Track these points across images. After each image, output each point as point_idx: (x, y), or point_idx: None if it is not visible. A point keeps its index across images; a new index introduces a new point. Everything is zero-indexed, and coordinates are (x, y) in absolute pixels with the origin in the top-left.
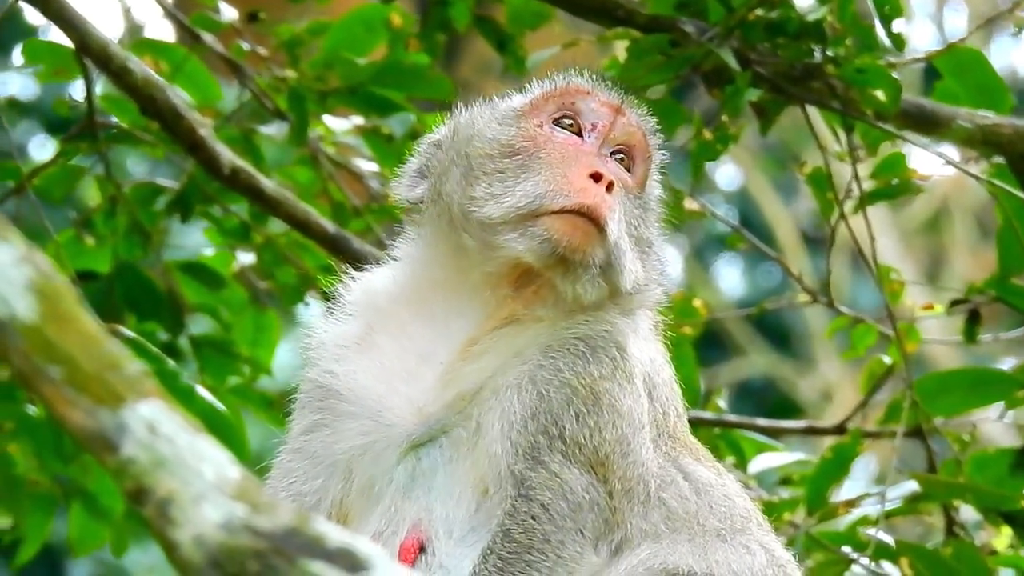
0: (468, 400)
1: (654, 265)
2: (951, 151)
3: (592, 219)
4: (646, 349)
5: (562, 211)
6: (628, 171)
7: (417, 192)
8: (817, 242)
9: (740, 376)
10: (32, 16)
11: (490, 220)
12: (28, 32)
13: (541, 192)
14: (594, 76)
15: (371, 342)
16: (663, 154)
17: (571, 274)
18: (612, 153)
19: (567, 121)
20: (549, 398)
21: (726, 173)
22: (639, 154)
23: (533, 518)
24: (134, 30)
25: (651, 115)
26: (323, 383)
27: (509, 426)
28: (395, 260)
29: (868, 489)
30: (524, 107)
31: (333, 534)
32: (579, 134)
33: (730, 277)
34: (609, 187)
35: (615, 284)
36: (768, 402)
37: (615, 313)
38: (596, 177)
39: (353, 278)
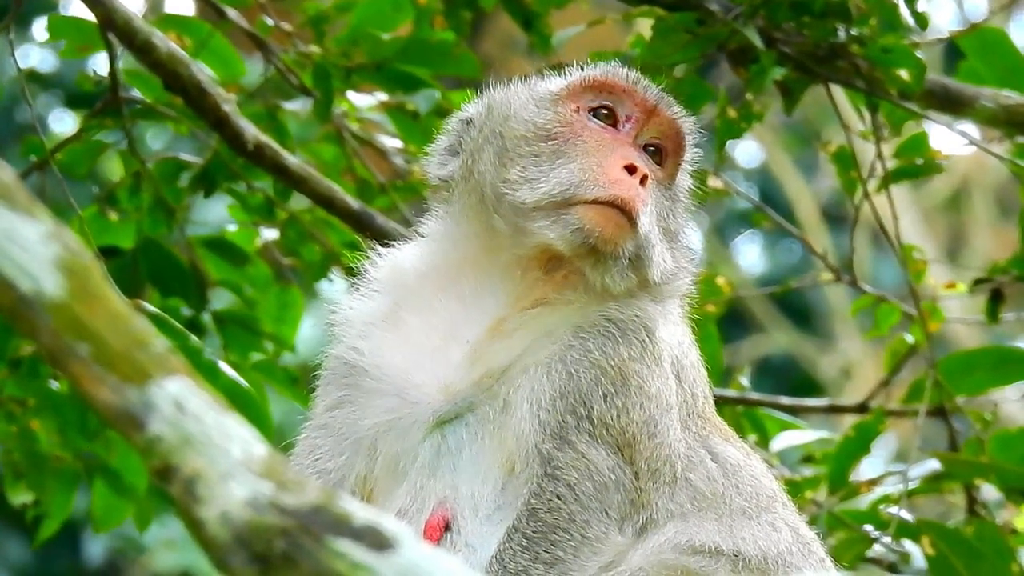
0: (496, 378)
1: (682, 255)
2: (972, 130)
3: (625, 212)
4: (675, 332)
5: (596, 201)
6: (660, 164)
7: (448, 169)
8: (838, 220)
9: (761, 353)
10: None
11: (523, 204)
12: (48, 6)
13: (576, 181)
14: (634, 69)
15: (398, 319)
16: (697, 150)
17: (601, 264)
18: (645, 146)
19: (603, 111)
20: (578, 378)
21: (747, 150)
22: (672, 149)
23: (559, 497)
24: (156, 5)
25: (675, 92)
26: (349, 359)
27: (538, 405)
28: (423, 237)
29: (890, 468)
30: (562, 92)
31: (359, 512)
32: (614, 124)
33: (751, 254)
34: (643, 180)
35: (644, 276)
36: (789, 380)
37: (646, 300)
38: (631, 169)
39: (380, 254)
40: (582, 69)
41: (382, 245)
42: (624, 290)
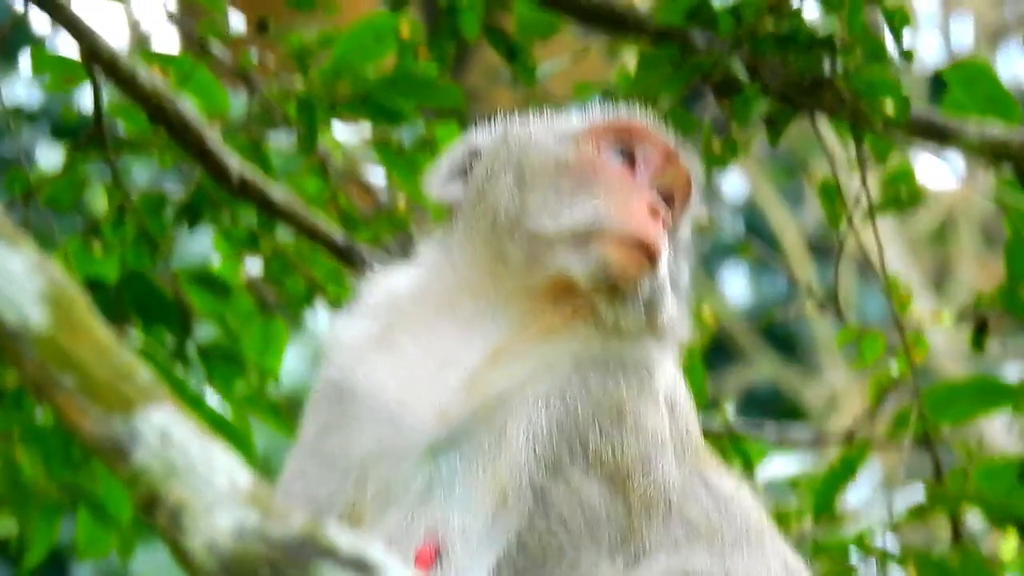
0: (493, 408)
1: (681, 304)
2: (958, 160)
3: (648, 252)
4: (669, 372)
5: (621, 238)
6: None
7: (452, 193)
8: (823, 251)
9: (746, 383)
10: (39, 25)
11: (544, 233)
12: (35, 41)
13: (601, 215)
14: (653, 116)
15: (392, 343)
16: (702, 204)
17: (617, 301)
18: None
19: (624, 152)
20: (576, 413)
21: (732, 182)
22: (680, 198)
23: (550, 531)
24: (140, 38)
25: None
26: (340, 382)
27: (534, 437)
28: (419, 261)
29: (874, 493)
30: (584, 130)
31: (346, 541)
32: (631, 167)
33: (736, 285)
34: (664, 224)
35: (654, 318)
36: (774, 409)
37: (650, 342)
38: (653, 211)
39: (375, 277)
40: (602, 109)
41: (375, 270)
42: (634, 329)
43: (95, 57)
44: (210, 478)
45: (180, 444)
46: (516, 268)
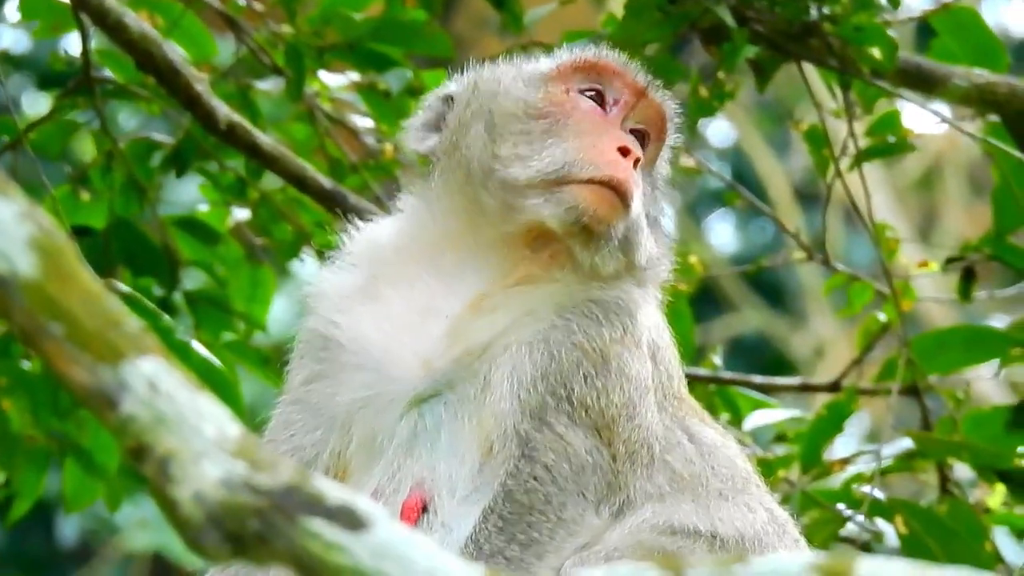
0: (477, 356)
1: (662, 241)
2: (945, 109)
3: (619, 192)
4: (651, 314)
5: (591, 181)
6: (642, 149)
7: (428, 144)
8: (810, 199)
9: (733, 332)
10: None
11: (515, 181)
12: None
13: (571, 159)
14: (623, 54)
15: (375, 293)
16: (678, 137)
17: (592, 244)
18: (630, 130)
19: (592, 93)
20: (560, 359)
21: (719, 129)
22: (655, 134)
23: (536, 479)
24: None
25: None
26: (324, 333)
27: (519, 384)
28: (401, 212)
29: (862, 446)
30: (552, 72)
31: (333, 492)
32: (602, 107)
33: (723, 233)
34: (636, 163)
35: (631, 259)
36: (761, 358)
37: (630, 283)
38: (624, 151)
39: (357, 228)
40: (570, 51)
41: (352, 222)
42: (612, 271)
43: (83, 3)
44: (198, 428)
45: (168, 394)
46: (492, 217)
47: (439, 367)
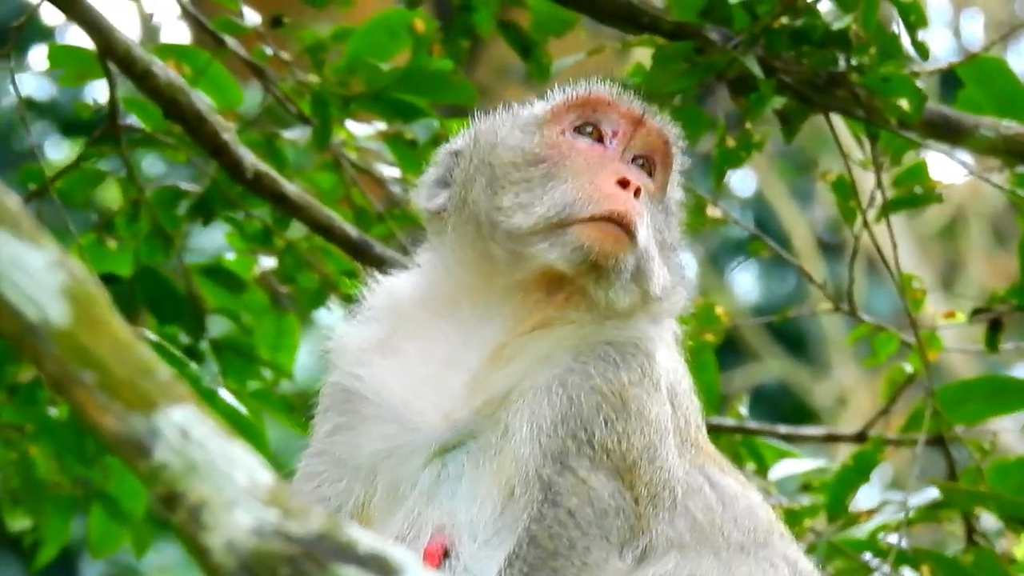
0: (497, 405)
1: (677, 270)
2: (970, 159)
3: (622, 225)
4: (669, 357)
5: (592, 218)
6: (650, 176)
7: (438, 201)
8: (833, 249)
9: (755, 382)
10: (49, 17)
11: (519, 230)
12: (45, 33)
13: (570, 201)
14: (615, 84)
15: (395, 346)
16: (685, 160)
17: (604, 280)
18: (633, 159)
19: (588, 129)
20: (579, 403)
21: (742, 179)
22: (660, 160)
23: (560, 523)
24: (151, 32)
25: (674, 121)
26: (347, 386)
27: (538, 429)
28: (418, 266)
29: (887, 496)
30: (546, 115)
31: (365, 539)
32: (600, 141)
33: (745, 283)
34: (637, 192)
35: (646, 289)
36: (783, 408)
37: (645, 321)
38: (623, 183)
39: (376, 282)
40: (563, 91)
41: (379, 272)
42: (628, 305)
43: (110, 51)
44: (230, 476)
45: (200, 442)
46: (503, 267)
47: (460, 418)
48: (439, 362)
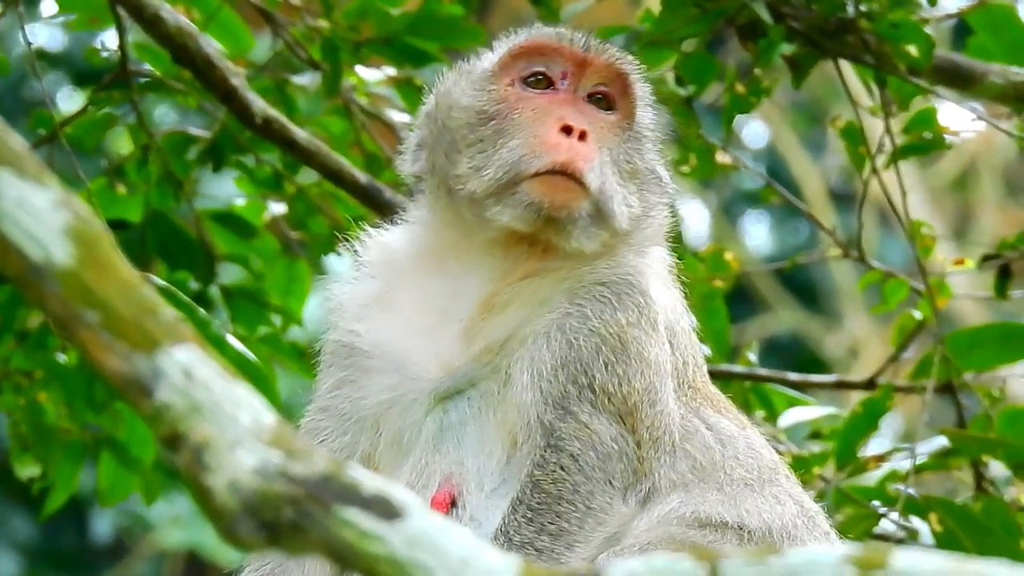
0: (495, 352)
1: (654, 191)
2: (980, 107)
3: (569, 174)
4: (667, 295)
5: (538, 173)
6: (611, 107)
7: (417, 166)
8: (845, 199)
9: (767, 332)
10: None
11: (475, 195)
12: None
13: (515, 159)
14: (559, 25)
15: (391, 301)
16: (645, 82)
17: (564, 231)
18: (591, 95)
19: (537, 76)
20: (578, 347)
21: (754, 130)
22: (619, 91)
23: (562, 468)
24: None
25: (685, 69)
26: (347, 342)
27: (539, 375)
28: (409, 221)
29: (897, 444)
30: (493, 69)
31: (368, 481)
32: (552, 85)
33: (758, 234)
34: (582, 136)
35: (612, 227)
36: (795, 358)
37: (631, 254)
38: (567, 130)
39: (370, 236)
40: (507, 41)
41: (388, 218)
42: (598, 246)
43: None
44: (234, 417)
45: (204, 382)
46: (474, 227)
47: (459, 366)
48: (434, 314)
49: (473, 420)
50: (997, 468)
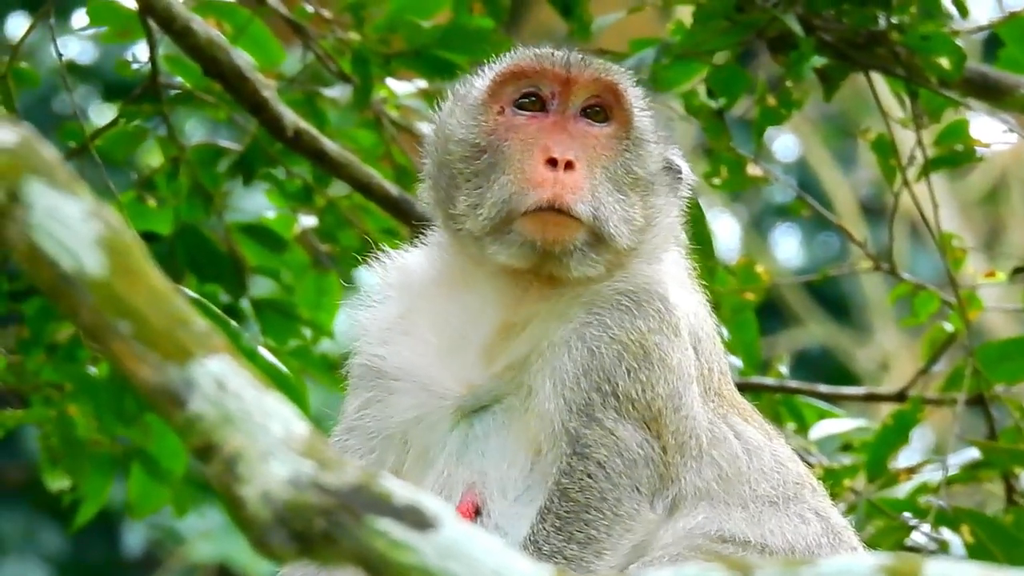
0: (518, 368)
1: (660, 193)
2: (1011, 120)
3: (557, 208)
4: (689, 300)
5: (527, 212)
6: (608, 119)
7: (426, 195)
8: (875, 212)
9: (798, 345)
10: None
11: (473, 234)
12: None
13: (506, 196)
14: (545, 44)
15: (412, 323)
16: (638, 88)
17: (562, 264)
18: (586, 109)
19: (530, 95)
20: (600, 355)
21: (784, 143)
22: (611, 99)
23: (590, 476)
24: None
25: (716, 81)
26: (372, 365)
27: (561, 384)
28: (427, 244)
29: (927, 457)
30: (482, 97)
31: (400, 491)
32: (544, 107)
33: (788, 246)
34: (568, 165)
35: (612, 249)
36: (826, 371)
37: (643, 264)
38: (552, 162)
39: (390, 259)
40: (493, 66)
41: (419, 231)
42: (601, 271)
43: (150, 9)
44: (266, 427)
45: (235, 392)
46: (479, 260)
47: (482, 385)
48: (453, 337)
49: (496, 432)
50: None
